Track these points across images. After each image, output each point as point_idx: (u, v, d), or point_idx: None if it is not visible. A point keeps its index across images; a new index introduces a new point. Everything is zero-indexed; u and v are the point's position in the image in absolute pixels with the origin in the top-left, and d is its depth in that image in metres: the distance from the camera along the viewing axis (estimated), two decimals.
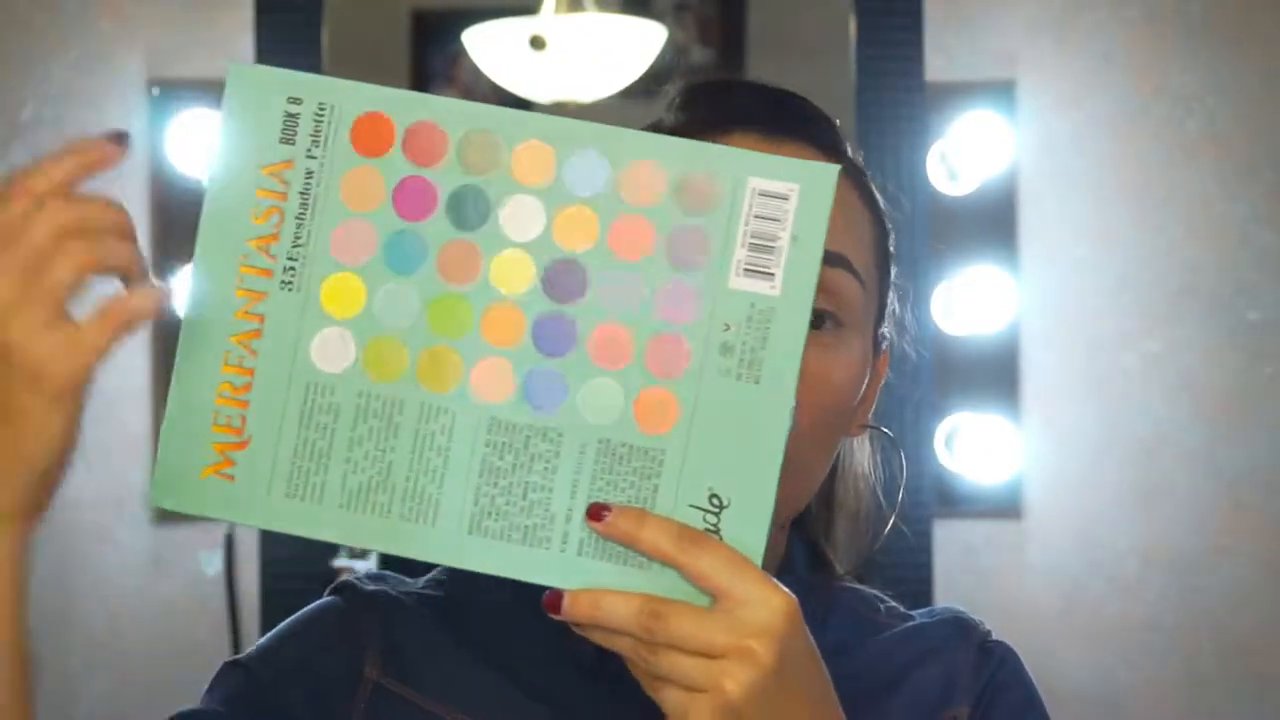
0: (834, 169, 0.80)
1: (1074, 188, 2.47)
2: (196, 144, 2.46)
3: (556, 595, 0.79)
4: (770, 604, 0.77)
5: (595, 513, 0.79)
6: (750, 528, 0.80)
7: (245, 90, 0.83)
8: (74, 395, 0.77)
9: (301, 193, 0.82)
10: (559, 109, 2.47)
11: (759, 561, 0.79)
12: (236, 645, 2.39)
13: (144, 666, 2.46)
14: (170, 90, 2.50)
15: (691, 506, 0.81)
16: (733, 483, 0.81)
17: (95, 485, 2.45)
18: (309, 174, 0.82)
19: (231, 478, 0.83)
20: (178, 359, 0.84)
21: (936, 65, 2.44)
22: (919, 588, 2.31)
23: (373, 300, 0.82)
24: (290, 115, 0.82)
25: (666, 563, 0.79)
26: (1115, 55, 2.47)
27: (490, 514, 0.81)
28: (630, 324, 0.81)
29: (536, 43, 2.39)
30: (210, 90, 2.49)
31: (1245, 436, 2.44)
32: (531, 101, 2.49)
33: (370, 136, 0.82)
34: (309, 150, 0.82)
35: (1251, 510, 2.44)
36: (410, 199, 0.82)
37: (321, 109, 0.82)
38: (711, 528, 0.80)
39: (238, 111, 0.83)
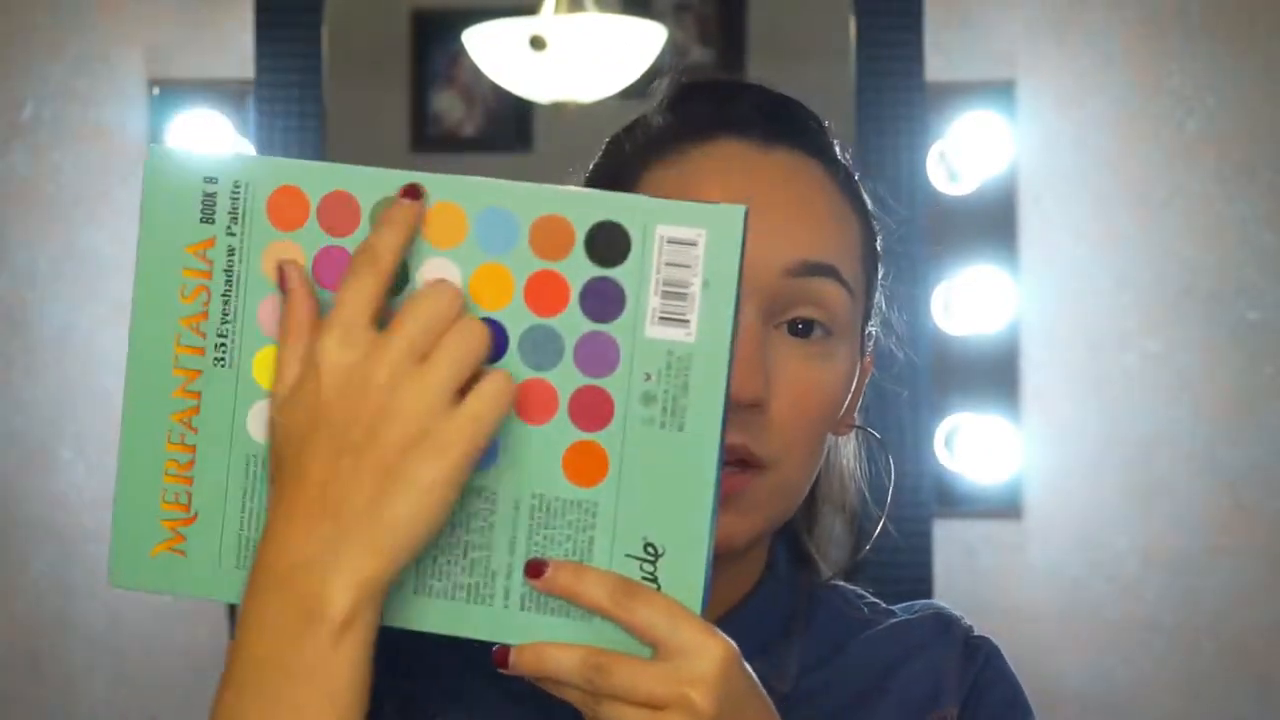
0: (740, 211, 0.80)
1: (1074, 188, 2.47)
2: (196, 144, 2.46)
3: (504, 651, 0.81)
4: (708, 652, 0.78)
5: (533, 569, 0.80)
6: (687, 574, 0.81)
7: (162, 173, 0.84)
8: (466, 471, 0.77)
9: (225, 270, 0.83)
10: (559, 109, 2.47)
11: (698, 607, 0.80)
12: None
13: (144, 666, 2.47)
14: (170, 90, 2.50)
15: (628, 556, 0.81)
16: (666, 531, 0.81)
17: (95, 485, 2.45)
18: (230, 251, 0.83)
19: (183, 553, 0.85)
20: (121, 441, 0.85)
21: (936, 65, 2.44)
22: (919, 587, 2.31)
23: None
24: (208, 195, 0.83)
25: (605, 616, 0.80)
26: (1115, 55, 2.47)
27: (433, 574, 0.82)
28: (553, 379, 0.82)
29: (537, 43, 2.39)
30: (210, 90, 2.49)
31: (1245, 436, 2.44)
32: (532, 102, 2.49)
33: (286, 210, 0.83)
34: (228, 228, 0.83)
35: (1251, 510, 2.44)
36: (330, 269, 0.82)
37: (237, 187, 0.83)
38: (649, 577, 0.81)
39: (157, 194, 0.84)
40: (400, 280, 0.82)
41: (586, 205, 0.82)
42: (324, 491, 0.76)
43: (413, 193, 0.80)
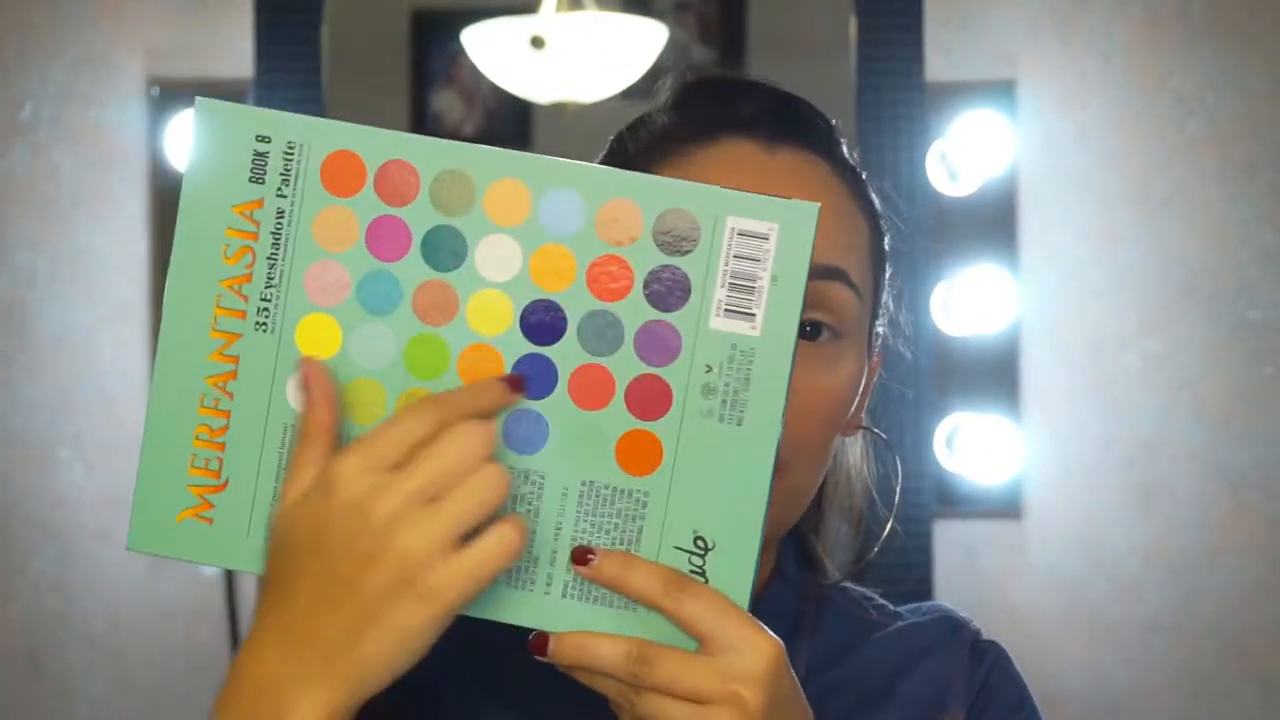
0: (814, 208, 0.79)
1: (1074, 188, 2.47)
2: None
3: (542, 637, 0.79)
4: (758, 649, 0.77)
5: (580, 556, 0.79)
6: (736, 570, 0.80)
7: (212, 127, 0.81)
8: (450, 618, 0.75)
9: (273, 232, 0.81)
10: (559, 109, 2.46)
11: (745, 603, 0.79)
12: (235, 646, 2.39)
13: (144, 667, 2.46)
14: (170, 90, 2.50)
15: (676, 548, 0.80)
16: (718, 525, 0.80)
17: (95, 485, 2.45)
18: (280, 213, 0.81)
19: (210, 520, 0.82)
20: (151, 402, 0.83)
21: (936, 65, 2.44)
22: (919, 588, 2.31)
23: (348, 341, 0.81)
24: (259, 154, 0.81)
25: (653, 607, 0.79)
26: (1116, 55, 2.47)
27: None
28: (611, 365, 0.81)
29: (537, 43, 2.39)
30: (210, 90, 2.49)
31: (1246, 436, 2.44)
32: (531, 102, 2.49)
33: (341, 175, 0.81)
34: (279, 189, 0.81)
35: (1252, 510, 2.44)
36: (384, 239, 0.81)
37: (291, 147, 0.81)
38: (697, 570, 0.80)
39: (205, 149, 0.81)
40: (457, 253, 0.81)
41: (657, 192, 0.80)
42: (308, 618, 0.75)
43: (516, 385, 0.79)
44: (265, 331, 0.81)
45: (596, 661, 0.78)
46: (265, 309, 0.81)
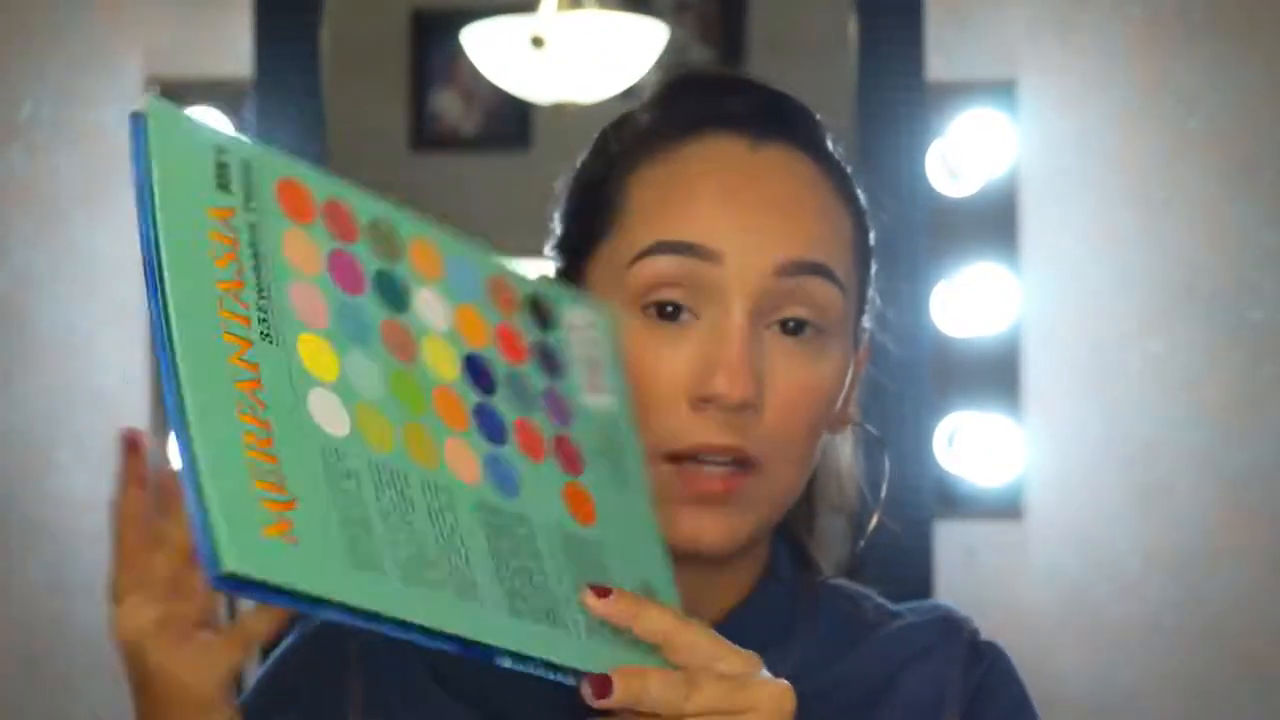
0: (607, 309, 0.87)
1: (1075, 187, 2.47)
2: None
3: (603, 683, 0.77)
4: (768, 686, 0.81)
5: (600, 592, 0.79)
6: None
7: (171, 133, 0.74)
8: (220, 701, 0.82)
9: (250, 245, 0.75)
10: (559, 109, 2.46)
11: None
12: None
13: None
14: (170, 90, 2.49)
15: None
16: (651, 573, 0.83)
17: (95, 485, 2.44)
18: (253, 227, 0.75)
19: (295, 540, 0.69)
20: (188, 404, 0.69)
21: (936, 65, 2.43)
22: (919, 588, 2.31)
23: (343, 366, 0.76)
24: (221, 165, 0.75)
25: (661, 643, 0.79)
26: (1117, 54, 2.46)
27: (518, 595, 0.77)
28: (536, 422, 0.82)
29: (538, 42, 2.38)
30: (210, 90, 2.49)
31: (1247, 437, 2.44)
32: (531, 102, 2.48)
33: (294, 201, 0.78)
34: (246, 203, 0.76)
35: (1252, 510, 2.43)
36: (344, 272, 0.79)
37: (246, 167, 0.76)
38: None
39: (168, 151, 0.73)
40: (402, 298, 0.80)
41: (522, 273, 0.86)
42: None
43: (134, 443, 0.83)
44: (271, 343, 0.73)
45: (650, 699, 0.78)
46: (264, 319, 0.74)
